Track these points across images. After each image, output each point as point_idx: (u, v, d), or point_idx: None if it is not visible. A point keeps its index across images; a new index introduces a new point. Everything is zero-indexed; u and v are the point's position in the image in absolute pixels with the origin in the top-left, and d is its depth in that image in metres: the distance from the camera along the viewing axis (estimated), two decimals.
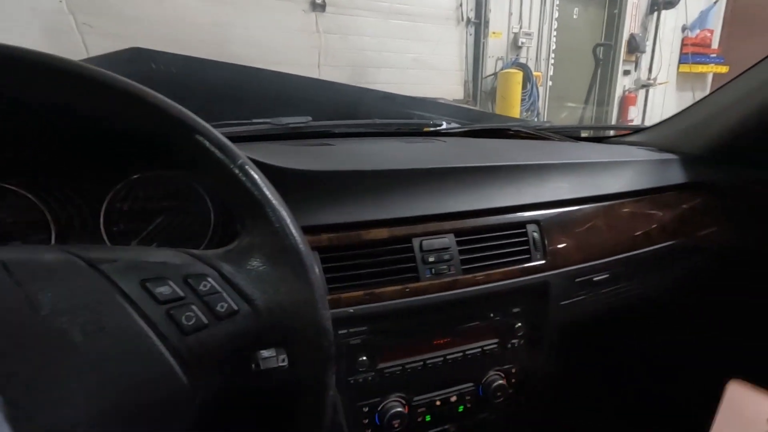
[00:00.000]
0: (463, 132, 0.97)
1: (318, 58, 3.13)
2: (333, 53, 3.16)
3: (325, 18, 3.08)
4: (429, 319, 0.55)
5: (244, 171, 0.30)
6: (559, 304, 0.61)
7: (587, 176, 0.71)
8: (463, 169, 0.62)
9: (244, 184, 0.30)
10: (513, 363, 0.61)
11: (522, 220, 0.61)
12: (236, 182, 0.30)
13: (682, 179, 0.81)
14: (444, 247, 0.55)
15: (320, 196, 0.52)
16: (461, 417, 0.60)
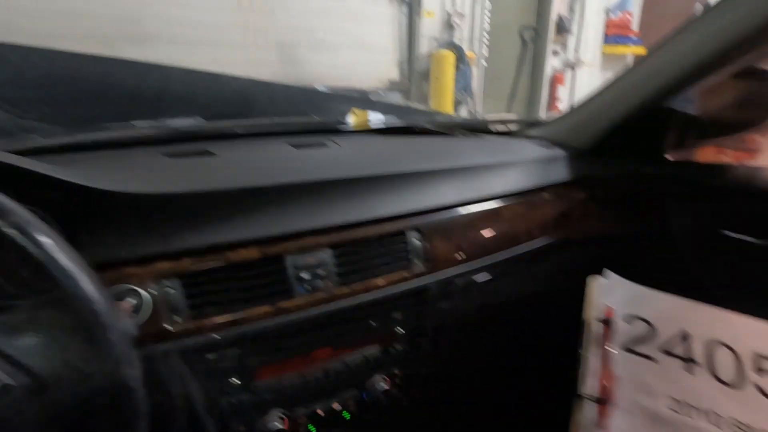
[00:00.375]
0: (371, 130, 0.97)
1: (243, 38, 2.96)
2: (260, 32, 3.00)
3: None
4: (306, 333, 0.55)
5: (21, 230, 0.27)
6: (440, 307, 0.64)
7: (472, 180, 0.74)
8: (342, 181, 0.61)
9: (21, 246, 0.27)
10: (397, 367, 0.63)
11: (402, 228, 0.62)
12: (12, 245, 0.27)
13: (566, 176, 0.86)
14: (319, 263, 0.55)
15: (182, 218, 0.49)
16: (348, 423, 0.61)
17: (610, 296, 0.52)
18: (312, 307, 0.53)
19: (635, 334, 0.48)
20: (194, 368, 0.49)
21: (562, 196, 0.84)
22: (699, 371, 0.44)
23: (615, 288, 0.53)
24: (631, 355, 0.47)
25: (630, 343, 0.48)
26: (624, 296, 0.52)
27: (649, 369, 0.46)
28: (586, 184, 0.89)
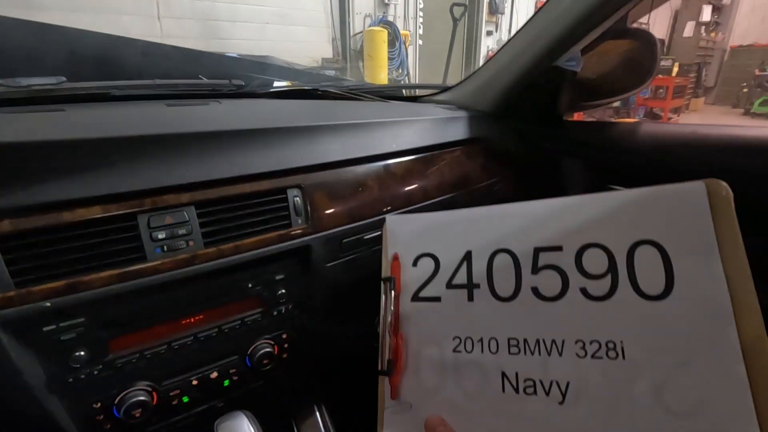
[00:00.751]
0: (264, 94, 0.92)
1: (157, 9, 2.73)
2: (175, 3, 2.78)
3: None
4: (170, 299, 0.51)
5: None
6: (325, 266, 0.62)
7: (363, 136, 0.72)
8: (208, 134, 0.57)
9: None
10: (282, 329, 0.61)
11: (282, 186, 0.59)
12: None
13: (464, 135, 0.87)
14: (180, 222, 0.50)
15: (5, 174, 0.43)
16: (228, 391, 0.58)
17: (397, 241, 0.47)
18: (172, 270, 0.49)
19: (422, 277, 0.44)
20: (28, 343, 0.44)
21: (459, 155, 0.85)
22: (479, 295, 0.41)
23: (400, 230, 0.48)
24: (418, 304, 0.44)
25: (417, 290, 0.44)
26: (411, 234, 0.47)
27: (435, 312, 0.43)
28: (484, 143, 0.91)
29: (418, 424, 0.41)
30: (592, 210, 0.39)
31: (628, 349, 0.34)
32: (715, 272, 0.33)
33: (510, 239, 0.42)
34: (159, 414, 0.53)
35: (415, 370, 0.43)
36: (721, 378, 0.31)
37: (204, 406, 0.57)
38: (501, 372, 0.39)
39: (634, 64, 0.91)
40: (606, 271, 0.37)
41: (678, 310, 0.34)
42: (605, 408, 0.34)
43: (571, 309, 0.37)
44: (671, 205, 0.36)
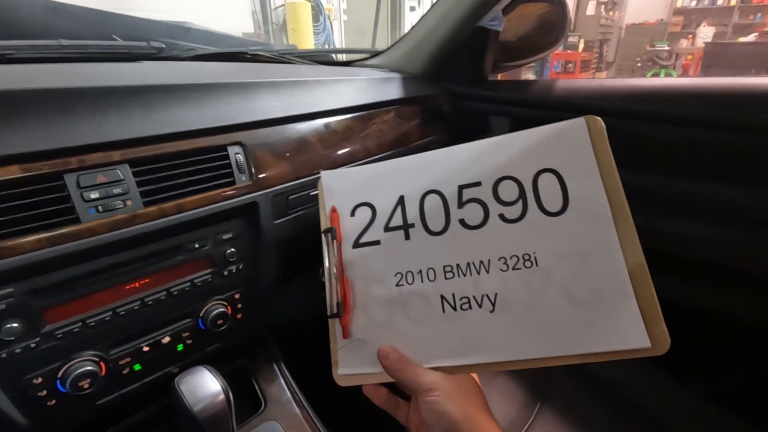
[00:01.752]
0: (188, 57, 0.87)
1: None
2: None
3: None
4: (112, 263, 0.49)
5: None
6: (274, 222, 0.62)
7: (301, 94, 0.72)
8: (140, 88, 0.53)
9: None
10: (234, 289, 0.60)
11: (222, 143, 0.57)
12: None
13: (398, 95, 0.90)
14: (114, 180, 0.47)
15: None
16: (183, 355, 0.57)
17: (334, 195, 0.50)
18: (110, 231, 0.46)
19: (361, 225, 0.47)
20: None
21: (396, 114, 0.87)
22: (414, 233, 0.45)
23: (335, 184, 0.50)
24: (360, 249, 0.47)
25: (357, 238, 0.47)
26: (346, 187, 0.50)
27: (376, 254, 0.46)
28: (418, 103, 0.94)
29: (371, 357, 0.44)
30: (502, 148, 0.45)
31: (540, 257, 0.41)
32: (598, 188, 0.41)
33: (437, 181, 0.46)
34: (110, 384, 0.51)
35: (364, 309, 0.46)
36: (607, 268, 0.39)
37: (159, 373, 0.56)
38: (440, 296, 0.44)
39: (547, 24, 0.99)
40: (518, 198, 0.43)
41: (574, 221, 0.41)
42: (526, 308, 0.41)
43: (493, 233, 0.43)
44: (561, 138, 0.43)
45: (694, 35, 8.30)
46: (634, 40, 9.06)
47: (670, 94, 0.79)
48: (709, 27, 8.18)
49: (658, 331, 0.37)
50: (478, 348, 0.42)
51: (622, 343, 0.38)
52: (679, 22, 8.83)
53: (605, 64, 9.39)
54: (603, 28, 8.94)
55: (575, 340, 0.39)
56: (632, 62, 8.99)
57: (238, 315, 0.61)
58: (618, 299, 0.38)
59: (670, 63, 8.33)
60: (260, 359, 0.70)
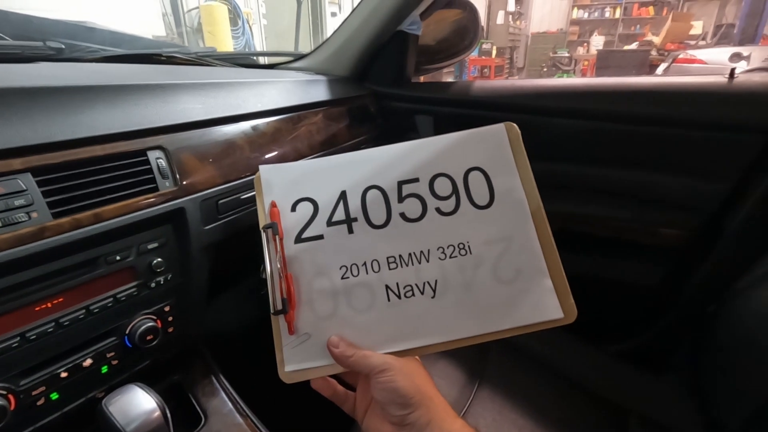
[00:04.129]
0: (94, 59, 0.80)
1: None
2: None
3: None
4: (16, 282, 0.44)
5: None
6: (204, 229, 0.59)
7: (225, 96, 0.70)
8: (40, 90, 0.49)
9: None
10: (164, 301, 0.57)
11: (141, 148, 0.54)
12: None
13: (324, 97, 0.91)
14: (15, 191, 0.43)
15: None
16: (108, 378, 0.53)
17: (272, 190, 0.49)
18: (12, 248, 0.42)
19: (302, 220, 0.48)
20: None
21: (324, 115, 0.88)
22: (357, 226, 0.47)
23: (274, 179, 0.50)
24: (302, 245, 0.47)
25: (299, 233, 0.47)
26: (285, 182, 0.49)
27: (319, 249, 0.47)
28: (345, 104, 0.96)
29: (317, 350, 0.45)
30: (436, 148, 0.49)
31: (472, 245, 0.46)
32: (516, 184, 0.47)
33: (377, 177, 0.48)
34: (22, 419, 0.45)
35: (309, 303, 0.46)
36: (526, 250, 0.45)
37: (81, 400, 0.51)
38: (385, 285, 0.46)
39: (462, 29, 1.06)
40: (451, 193, 0.47)
41: (499, 212, 0.46)
42: (463, 291, 0.45)
43: (431, 225, 0.47)
44: (486, 141, 0.49)
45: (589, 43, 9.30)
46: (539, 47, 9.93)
47: (570, 92, 0.89)
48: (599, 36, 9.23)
49: (567, 303, 0.44)
50: (422, 332, 0.45)
51: (541, 315, 0.44)
52: (575, 31, 9.84)
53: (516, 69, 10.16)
54: (512, 36, 9.68)
55: (504, 315, 0.44)
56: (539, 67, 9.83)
57: (170, 328, 0.58)
58: (535, 276, 0.45)
59: (571, 68, 9.25)
60: (196, 373, 0.66)
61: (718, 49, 5.88)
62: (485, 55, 8.70)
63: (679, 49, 6.53)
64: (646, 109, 0.82)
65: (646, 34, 8.71)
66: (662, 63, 6.05)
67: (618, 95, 0.85)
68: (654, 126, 0.82)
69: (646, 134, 0.83)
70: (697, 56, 5.46)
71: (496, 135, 0.49)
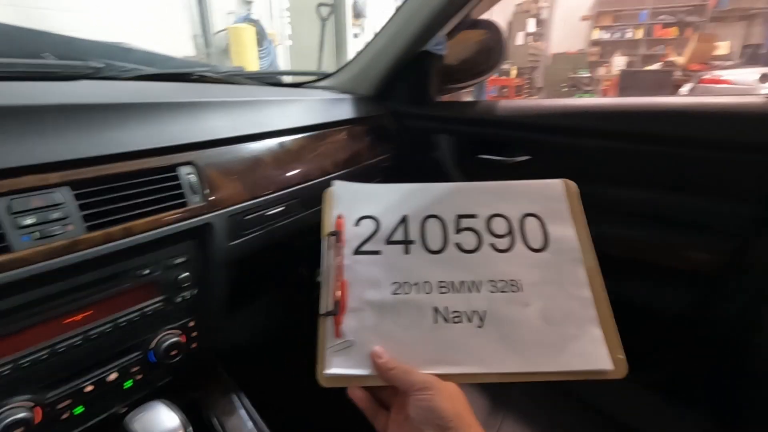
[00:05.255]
0: (130, 77, 0.83)
1: None
2: None
3: None
4: (48, 294, 0.44)
5: None
6: (229, 245, 0.60)
7: (252, 114, 0.71)
8: (80, 107, 0.50)
9: None
10: (189, 316, 0.57)
11: (172, 163, 0.55)
12: None
13: (349, 115, 0.92)
14: (52, 204, 0.44)
15: None
16: (131, 393, 0.53)
17: (340, 204, 0.53)
18: (47, 260, 0.43)
19: (364, 234, 0.51)
20: None
21: (348, 134, 0.89)
22: (414, 249, 0.50)
23: (343, 194, 0.54)
24: (360, 256, 0.50)
25: (359, 246, 0.50)
26: (353, 199, 0.53)
27: (375, 263, 0.49)
28: (368, 122, 0.96)
29: (359, 359, 0.45)
30: (497, 191, 0.53)
31: (524, 284, 0.48)
32: (571, 234, 0.50)
33: (438, 208, 0.52)
34: (51, 430, 0.45)
35: (357, 312, 0.47)
36: (577, 297, 0.47)
37: (103, 415, 0.51)
38: (433, 307, 0.47)
39: (486, 49, 1.06)
40: (507, 233, 0.50)
41: (552, 257, 0.49)
42: (510, 326, 0.46)
43: (484, 258, 0.49)
44: (544, 192, 0.53)
45: (610, 64, 9.24)
46: (560, 68, 9.91)
47: (595, 111, 0.87)
48: (621, 57, 9.16)
49: (618, 357, 0.44)
50: (465, 359, 0.45)
51: (588, 363, 0.44)
52: (596, 52, 9.80)
53: (536, 89, 10.14)
54: (532, 57, 9.69)
55: (550, 357, 0.44)
56: (559, 87, 9.79)
57: (193, 344, 0.58)
58: (584, 324, 0.45)
59: (591, 88, 9.19)
60: (216, 391, 0.65)
61: (745, 69, 5.75)
62: (505, 76, 8.73)
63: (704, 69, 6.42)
64: (676, 129, 0.80)
65: (670, 54, 8.62)
66: (687, 83, 5.95)
67: (645, 115, 0.83)
68: (684, 147, 0.80)
69: (676, 155, 0.81)
70: (723, 77, 5.35)
71: (554, 188, 0.53)
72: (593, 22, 9.65)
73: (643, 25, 9.13)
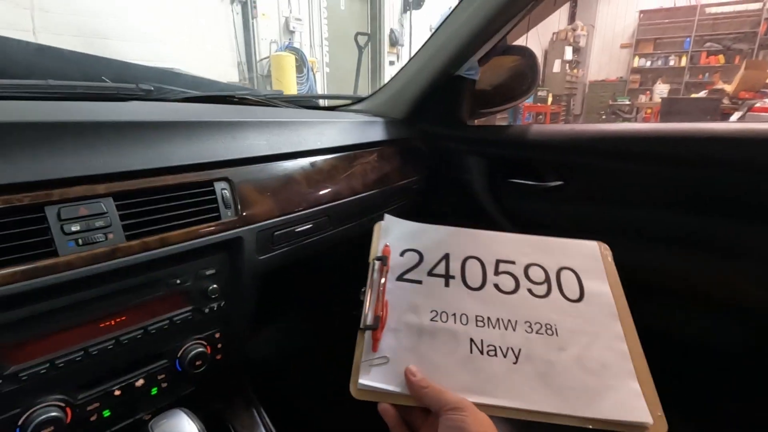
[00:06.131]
0: (177, 99, 0.88)
1: (32, 22, 2.44)
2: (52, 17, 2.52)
3: None
4: (86, 298, 0.46)
5: None
6: (258, 259, 0.61)
7: (287, 134, 0.73)
8: (127, 124, 0.54)
9: None
10: (215, 327, 0.58)
11: (208, 179, 0.58)
12: None
13: (381, 137, 0.93)
14: (97, 213, 0.47)
15: None
16: (156, 400, 0.54)
17: (388, 236, 0.57)
18: (88, 265, 0.45)
19: (407, 264, 0.54)
20: None
21: (379, 155, 0.90)
22: (454, 283, 0.52)
23: (392, 228, 0.58)
24: (402, 283, 0.52)
25: (402, 273, 0.53)
26: (400, 234, 0.57)
27: (416, 291, 0.51)
28: (399, 145, 0.98)
29: (393, 376, 0.46)
30: (536, 244, 0.57)
31: (560, 330, 0.49)
32: (606, 290, 0.53)
33: (479, 250, 0.56)
34: None
35: (395, 332, 0.49)
36: (614, 350, 0.48)
37: (129, 420, 0.52)
38: (470, 338, 0.48)
39: (520, 75, 1.06)
40: (544, 281, 0.53)
41: (588, 309, 0.51)
42: (545, 366, 0.46)
43: (521, 301, 0.51)
44: (581, 251, 0.57)
45: (652, 91, 8.99)
46: (598, 95, 9.76)
47: (638, 136, 0.84)
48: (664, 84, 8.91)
49: (656, 413, 0.43)
50: (498, 392, 0.45)
51: (626, 414, 0.43)
52: (636, 80, 9.59)
53: (573, 116, 9.99)
54: (569, 84, 9.60)
55: (586, 402, 0.44)
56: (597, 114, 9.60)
57: (217, 355, 0.59)
58: (622, 376, 0.46)
59: (632, 116, 8.95)
60: (237, 404, 0.66)
61: None
62: (541, 103, 8.67)
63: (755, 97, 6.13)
64: (728, 154, 0.75)
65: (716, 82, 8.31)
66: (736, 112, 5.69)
67: (692, 140, 0.80)
68: (737, 172, 0.75)
69: (725, 179, 0.77)
70: None
71: (590, 248, 0.57)
72: (633, 49, 9.48)
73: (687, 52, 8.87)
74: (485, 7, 0.82)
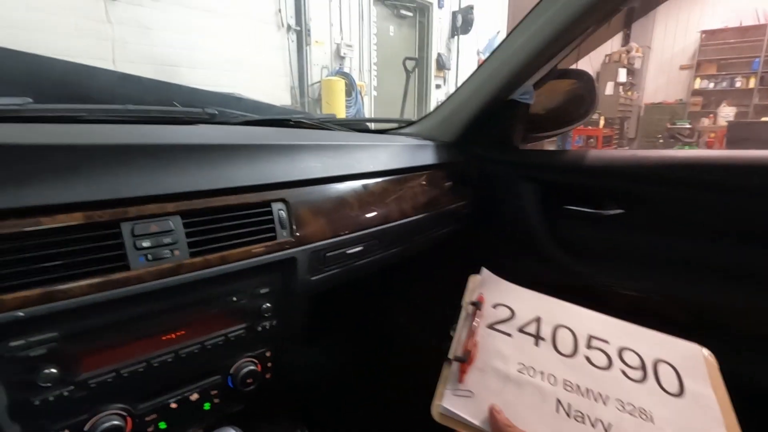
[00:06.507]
0: (238, 122, 0.93)
1: (112, 52, 2.71)
2: (130, 47, 2.78)
3: (117, 7, 2.69)
4: (151, 311, 0.49)
5: None
6: (310, 279, 0.62)
7: (342, 156, 0.75)
8: (195, 146, 0.57)
9: None
10: (266, 346, 0.59)
11: (267, 199, 0.60)
12: None
13: (432, 161, 0.93)
14: (166, 230, 0.49)
15: None
16: (208, 416, 0.55)
17: (483, 288, 0.58)
18: (156, 280, 0.47)
19: (499, 317, 0.54)
20: None
21: (428, 179, 0.89)
22: (544, 345, 0.51)
23: (487, 282, 0.59)
24: (493, 331, 0.52)
25: (493, 323, 0.53)
26: (494, 289, 0.58)
27: (506, 342, 0.51)
28: (449, 168, 0.97)
29: (475, 409, 0.45)
30: (633, 331, 0.54)
31: (656, 418, 0.45)
32: (711, 394, 0.48)
33: (571, 322, 0.54)
34: None
35: (482, 371, 0.48)
36: None
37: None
38: (556, 398, 0.46)
39: (576, 99, 1.03)
40: (639, 367, 0.50)
41: (689, 407, 0.47)
42: None
43: (614, 379, 0.48)
44: (682, 352, 0.52)
45: (716, 115, 8.44)
46: (654, 118, 9.28)
47: (706, 164, 0.79)
48: (729, 107, 8.34)
49: None
50: None
51: None
52: (698, 102, 9.03)
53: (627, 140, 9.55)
54: (622, 107, 9.22)
55: None
56: (654, 138, 9.12)
57: (267, 374, 0.59)
58: None
59: (693, 140, 8.41)
60: (284, 426, 0.66)
61: None
62: (592, 125, 8.37)
63: None
64: None
65: None
66: None
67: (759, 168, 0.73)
68: None
69: None
70: None
71: (693, 351, 0.52)
72: (694, 71, 8.99)
73: (756, 73, 8.29)
74: (541, 33, 0.81)
